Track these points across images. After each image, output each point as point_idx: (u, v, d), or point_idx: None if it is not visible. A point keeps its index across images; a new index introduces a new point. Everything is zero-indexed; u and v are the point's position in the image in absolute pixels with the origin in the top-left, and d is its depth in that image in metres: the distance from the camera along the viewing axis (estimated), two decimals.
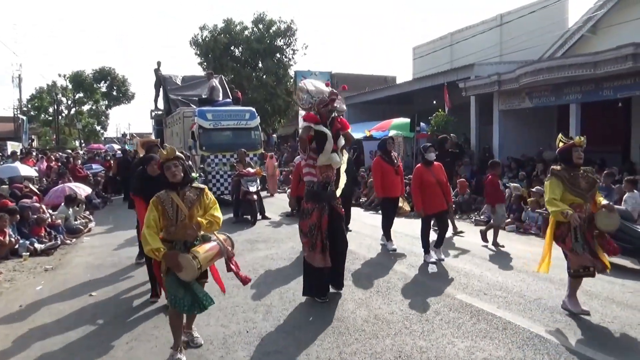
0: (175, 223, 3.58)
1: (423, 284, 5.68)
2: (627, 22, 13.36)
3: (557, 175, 4.48)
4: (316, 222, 4.89)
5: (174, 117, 15.31)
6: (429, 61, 22.76)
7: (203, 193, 3.76)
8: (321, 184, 4.95)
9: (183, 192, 3.66)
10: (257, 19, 29.05)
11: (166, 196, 3.62)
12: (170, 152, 3.66)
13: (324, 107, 4.90)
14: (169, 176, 3.62)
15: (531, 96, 13.51)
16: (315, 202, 4.92)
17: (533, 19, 17.19)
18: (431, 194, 6.56)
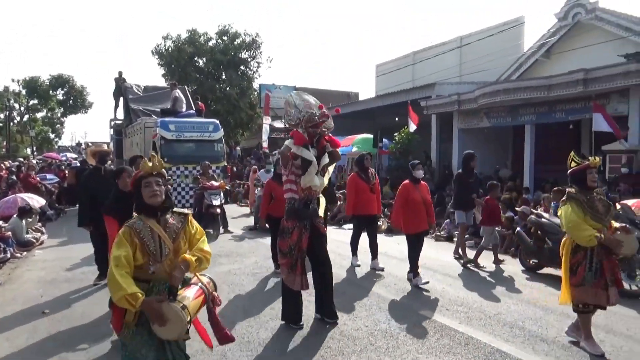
0: (159, 260, 2.70)
1: (388, 300, 5.73)
2: (577, 48, 14.14)
3: (576, 198, 4.05)
4: (296, 242, 4.58)
5: (135, 127, 14.96)
6: (391, 79, 23.27)
7: (187, 220, 2.91)
8: (302, 201, 4.64)
9: (164, 219, 2.81)
10: (221, 31, 28.94)
11: (143, 225, 2.72)
12: (155, 165, 2.81)
13: (312, 126, 4.59)
14: (147, 196, 2.74)
15: (489, 116, 14.02)
16: (296, 221, 4.61)
17: (491, 42, 17.95)
18: (416, 213, 6.32)
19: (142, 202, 2.78)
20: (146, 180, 2.77)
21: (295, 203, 4.66)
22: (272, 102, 25.10)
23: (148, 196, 2.74)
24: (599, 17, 13.83)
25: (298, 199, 4.64)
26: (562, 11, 14.73)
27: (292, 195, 4.68)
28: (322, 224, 4.92)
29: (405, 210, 6.35)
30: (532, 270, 7.35)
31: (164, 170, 2.97)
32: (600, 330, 4.75)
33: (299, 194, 4.63)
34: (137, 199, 2.79)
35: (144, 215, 2.78)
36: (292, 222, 4.63)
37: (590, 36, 14.00)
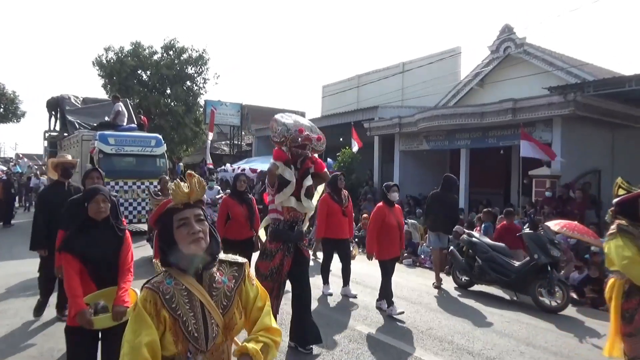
0: (204, 347, 1.72)
1: (324, 316, 5.84)
2: (508, 79, 15.15)
3: (628, 231, 3.39)
4: (278, 266, 4.39)
5: (71, 139, 14.39)
6: (337, 100, 23.80)
7: (244, 275, 1.85)
8: (287, 223, 4.45)
9: (209, 274, 1.78)
10: (167, 45, 28.52)
11: (175, 287, 1.71)
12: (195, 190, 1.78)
13: (297, 147, 4.40)
14: (186, 241, 1.70)
15: (428, 139, 14.67)
16: (280, 243, 4.41)
17: (430, 69, 18.86)
18: (390, 238, 5.97)
19: (175, 250, 1.71)
20: (182, 216, 1.72)
21: (280, 224, 4.47)
22: (217, 119, 24.94)
23: (188, 241, 1.69)
24: (527, 52, 14.92)
25: (283, 220, 4.46)
26: (494, 44, 15.76)
27: (277, 217, 4.49)
28: (306, 247, 4.75)
29: (379, 235, 5.96)
30: (463, 287, 7.73)
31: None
32: (521, 343, 5.09)
33: (284, 215, 4.44)
34: (166, 245, 1.74)
35: (175, 270, 1.74)
36: (276, 244, 4.43)
37: (519, 68, 15.05)
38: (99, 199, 3.14)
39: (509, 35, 15.23)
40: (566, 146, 11.04)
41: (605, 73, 14.13)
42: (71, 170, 5.22)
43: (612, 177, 12.04)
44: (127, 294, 3.03)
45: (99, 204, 3.13)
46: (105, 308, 2.96)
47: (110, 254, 3.14)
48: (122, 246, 3.20)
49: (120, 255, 3.17)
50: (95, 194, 3.16)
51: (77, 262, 3.03)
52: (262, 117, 31.29)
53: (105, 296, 3.03)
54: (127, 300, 2.98)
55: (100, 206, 3.11)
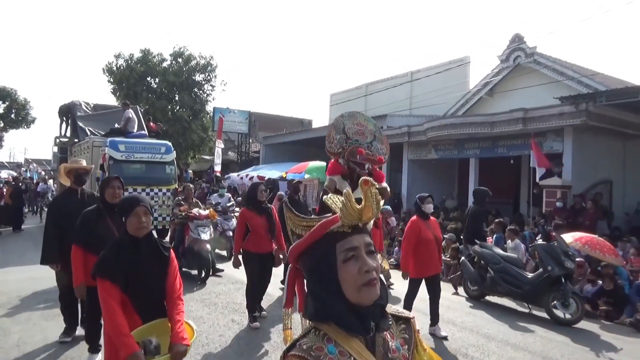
0: None
1: None
2: (518, 89, 15.10)
3: None
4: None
5: (82, 145, 14.48)
6: (345, 108, 23.76)
7: (414, 334, 1.36)
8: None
9: (381, 337, 1.24)
10: (176, 53, 28.75)
11: (339, 356, 1.15)
12: (374, 206, 1.23)
13: (354, 163, 3.88)
14: (356, 285, 1.17)
15: (437, 149, 14.62)
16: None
17: (439, 78, 18.85)
18: (427, 253, 5.47)
19: (337, 297, 1.19)
20: (350, 245, 1.20)
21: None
22: (225, 126, 25.03)
23: (359, 283, 1.18)
24: (537, 61, 14.88)
25: None
26: (504, 54, 15.74)
27: None
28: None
29: (417, 252, 5.48)
30: (475, 298, 7.65)
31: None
32: (537, 357, 5.01)
33: None
34: (323, 288, 1.21)
35: (334, 329, 1.18)
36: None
37: (529, 78, 15.01)
38: (140, 212, 2.59)
39: (519, 45, 15.22)
40: (577, 156, 10.96)
41: (616, 83, 14.06)
42: (85, 177, 4.88)
43: (624, 188, 12.00)
44: (184, 330, 2.59)
45: (139, 218, 2.59)
46: (159, 348, 2.47)
47: (156, 278, 2.65)
48: (168, 269, 2.70)
49: (167, 280, 2.69)
50: (134, 205, 2.60)
51: (118, 290, 2.52)
52: (269, 125, 31.44)
53: (155, 331, 2.56)
54: (185, 337, 2.55)
55: (141, 221, 2.59)
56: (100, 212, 3.88)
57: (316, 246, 1.24)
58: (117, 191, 3.85)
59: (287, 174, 17.89)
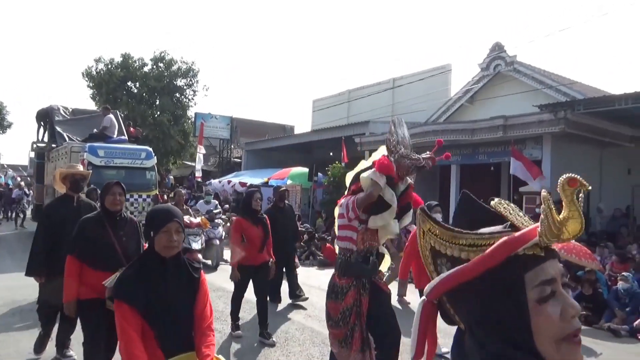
0: None
1: (320, 334, 5.75)
2: (498, 96, 15.33)
3: None
4: (352, 306, 3.45)
5: (60, 151, 14.19)
6: (327, 114, 23.88)
7: None
8: (361, 254, 3.53)
9: None
10: (157, 57, 28.48)
11: None
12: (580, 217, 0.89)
13: (410, 160, 3.48)
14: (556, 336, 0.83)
15: (418, 155, 14.71)
16: (352, 278, 3.51)
17: (421, 85, 19.04)
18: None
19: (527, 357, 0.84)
20: (545, 277, 0.87)
21: (351, 256, 3.55)
22: (207, 132, 24.85)
23: (559, 334, 0.84)
24: (517, 70, 15.14)
25: (356, 251, 3.54)
26: (484, 62, 15.97)
27: (348, 246, 3.58)
28: (383, 280, 3.85)
29: (418, 261, 5.13)
30: None
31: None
32: None
33: (357, 245, 3.53)
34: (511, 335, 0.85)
35: None
36: (347, 279, 3.52)
37: (509, 86, 15.25)
38: (172, 229, 2.19)
39: (499, 53, 15.46)
40: (556, 163, 11.15)
41: (593, 91, 14.38)
42: (82, 183, 4.55)
43: (600, 195, 12.23)
44: None
45: (171, 236, 2.19)
46: None
47: (183, 304, 2.26)
48: (197, 293, 2.32)
49: (196, 306, 2.31)
50: (167, 221, 2.20)
51: (137, 316, 2.13)
52: (251, 131, 31.31)
53: None
54: None
55: (172, 239, 2.19)
56: (101, 220, 3.53)
57: (491, 276, 0.86)
58: (118, 198, 3.55)
59: (270, 180, 17.83)
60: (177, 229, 2.20)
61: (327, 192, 16.42)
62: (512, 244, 0.85)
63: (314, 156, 21.47)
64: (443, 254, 0.95)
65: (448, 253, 0.94)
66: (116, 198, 3.54)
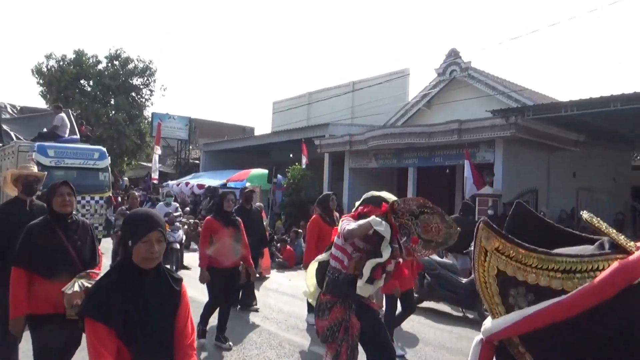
0: None
1: (277, 336, 5.74)
2: (454, 101, 15.77)
3: None
4: (340, 321, 3.39)
5: (6, 150, 13.53)
6: (287, 116, 23.88)
7: None
8: (349, 277, 3.46)
9: None
10: (112, 55, 27.69)
11: None
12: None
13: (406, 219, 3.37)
14: None
15: (377, 157, 14.96)
16: (337, 296, 3.46)
17: (380, 89, 19.34)
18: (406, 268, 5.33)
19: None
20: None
21: (339, 277, 3.50)
22: (164, 132, 24.36)
23: None
24: (471, 76, 15.62)
25: (346, 273, 3.48)
26: (441, 67, 16.40)
27: (338, 267, 3.51)
28: (371, 300, 3.75)
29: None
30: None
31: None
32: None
33: (348, 270, 3.47)
34: None
35: None
36: (332, 297, 3.50)
37: (465, 91, 15.72)
38: (153, 238, 1.96)
39: (455, 59, 15.91)
40: (507, 166, 11.59)
41: (542, 98, 15.03)
42: (36, 186, 4.11)
43: (548, 196, 12.79)
44: None
45: (152, 246, 1.95)
46: None
47: (163, 321, 2.02)
48: (179, 308, 2.09)
49: (177, 322, 2.07)
50: (150, 229, 1.96)
51: (113, 337, 1.89)
52: (210, 132, 30.92)
53: None
54: None
55: (154, 250, 1.96)
56: (50, 225, 3.19)
57: (603, 313, 0.68)
58: (67, 199, 3.22)
59: (229, 181, 17.65)
60: (158, 239, 1.96)
61: (286, 194, 16.41)
62: (633, 271, 0.67)
63: (274, 158, 21.42)
64: (520, 281, 0.75)
65: (530, 281, 0.75)
66: (65, 199, 3.20)
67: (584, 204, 12.46)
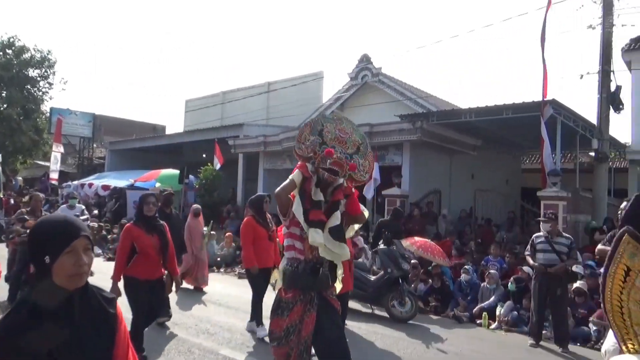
0: None
1: (186, 342, 5.59)
2: (366, 105, 16.33)
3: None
4: (297, 323, 3.21)
5: None
6: (200, 115, 23.29)
7: None
8: (309, 264, 3.28)
9: None
10: (4, 43, 25.23)
11: None
12: None
13: (327, 170, 3.26)
14: None
15: (291, 158, 15.06)
16: (300, 291, 3.26)
17: (295, 90, 19.51)
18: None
19: None
20: None
21: (299, 266, 3.29)
22: (65, 129, 22.70)
23: None
24: (382, 81, 16.26)
25: (304, 260, 3.29)
26: (353, 72, 16.89)
27: (295, 255, 3.32)
28: (334, 296, 3.48)
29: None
30: None
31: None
32: (378, 354, 5.43)
33: (304, 254, 3.29)
34: None
35: None
36: (294, 293, 3.26)
37: (375, 96, 16.32)
38: (79, 246, 1.54)
39: (367, 65, 16.45)
40: (413, 168, 12.25)
41: (445, 105, 16.02)
42: None
43: (450, 197, 13.68)
44: None
45: (79, 257, 1.53)
46: None
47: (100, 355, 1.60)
48: (116, 335, 1.66)
49: (116, 353, 1.65)
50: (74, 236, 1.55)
51: None
52: (117, 129, 29.30)
53: None
54: None
55: (81, 262, 1.54)
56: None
57: None
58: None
59: (136, 182, 16.85)
60: (86, 247, 1.56)
61: (199, 195, 16.01)
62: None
63: (186, 158, 20.80)
64: None
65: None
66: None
67: (480, 203, 13.47)
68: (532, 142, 13.62)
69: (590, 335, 6.38)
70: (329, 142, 3.41)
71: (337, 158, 3.31)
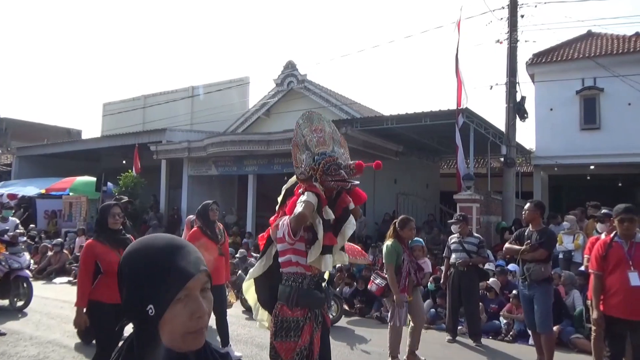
0: None
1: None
2: (292, 111, 16.43)
3: None
4: (308, 344, 2.92)
5: None
6: (120, 119, 22.22)
7: None
8: (314, 279, 3.03)
9: None
10: None
11: None
12: None
13: (335, 181, 3.03)
14: None
15: (217, 165, 14.82)
16: (308, 309, 2.96)
17: (220, 95, 19.22)
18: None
19: None
20: None
21: (303, 282, 3.00)
22: None
23: None
24: (307, 88, 16.47)
25: (310, 275, 3.01)
26: (279, 78, 16.97)
27: (299, 271, 3.02)
28: (327, 312, 3.29)
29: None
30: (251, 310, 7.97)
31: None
32: None
33: (311, 269, 3.01)
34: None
35: None
36: (302, 311, 2.95)
37: (301, 102, 16.47)
38: (196, 288, 1.05)
39: (292, 71, 16.60)
40: None
41: (368, 112, 16.54)
42: None
43: (373, 201, 14.12)
44: None
45: (198, 304, 1.04)
46: None
47: None
48: None
49: None
50: (194, 271, 1.05)
51: None
52: (26, 134, 27.20)
53: None
54: None
55: (202, 318, 1.05)
56: None
57: None
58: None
59: (48, 191, 15.76)
60: (204, 287, 1.08)
61: None
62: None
63: (104, 164, 19.78)
64: None
65: None
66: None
67: (402, 207, 14.03)
68: (448, 148, 14.41)
69: (500, 328, 6.86)
70: (315, 150, 3.21)
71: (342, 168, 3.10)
